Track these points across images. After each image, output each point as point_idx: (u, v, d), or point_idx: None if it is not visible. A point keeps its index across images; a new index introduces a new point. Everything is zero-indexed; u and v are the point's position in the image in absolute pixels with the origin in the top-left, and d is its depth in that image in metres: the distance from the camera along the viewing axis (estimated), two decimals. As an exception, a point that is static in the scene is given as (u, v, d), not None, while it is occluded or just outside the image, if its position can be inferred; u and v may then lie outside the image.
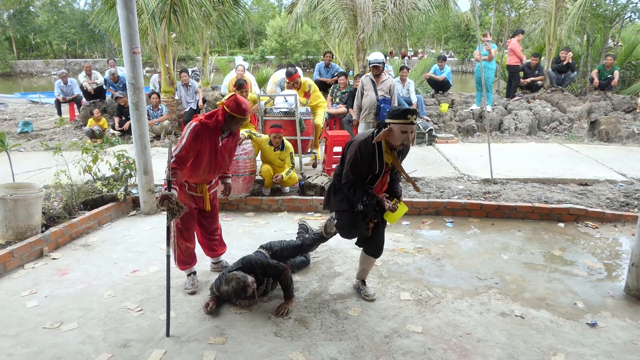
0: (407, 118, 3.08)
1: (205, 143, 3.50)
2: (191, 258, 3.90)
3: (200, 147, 3.49)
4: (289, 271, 3.63)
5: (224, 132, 3.61)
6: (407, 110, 3.10)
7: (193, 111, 9.74)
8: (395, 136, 3.15)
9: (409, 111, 3.09)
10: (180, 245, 3.79)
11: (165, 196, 3.25)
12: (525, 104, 10.73)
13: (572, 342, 3.18)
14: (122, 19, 5.06)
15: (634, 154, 8.21)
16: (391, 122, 3.14)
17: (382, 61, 6.31)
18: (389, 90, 6.27)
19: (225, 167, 3.91)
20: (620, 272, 4.22)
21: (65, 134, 10.12)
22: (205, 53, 13.06)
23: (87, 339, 3.18)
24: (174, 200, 3.26)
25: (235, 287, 3.37)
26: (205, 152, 3.53)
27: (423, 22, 11.50)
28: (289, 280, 3.59)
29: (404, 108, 3.13)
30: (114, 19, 9.24)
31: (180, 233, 3.76)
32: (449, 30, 41.38)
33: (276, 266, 3.62)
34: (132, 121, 5.38)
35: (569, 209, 5.42)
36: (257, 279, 3.58)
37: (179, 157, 3.41)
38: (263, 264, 3.61)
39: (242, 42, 52.02)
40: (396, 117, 3.12)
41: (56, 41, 41.46)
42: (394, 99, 6.33)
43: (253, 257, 3.70)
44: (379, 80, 6.28)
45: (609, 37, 12.94)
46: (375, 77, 6.28)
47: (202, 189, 3.77)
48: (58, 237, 4.68)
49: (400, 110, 3.12)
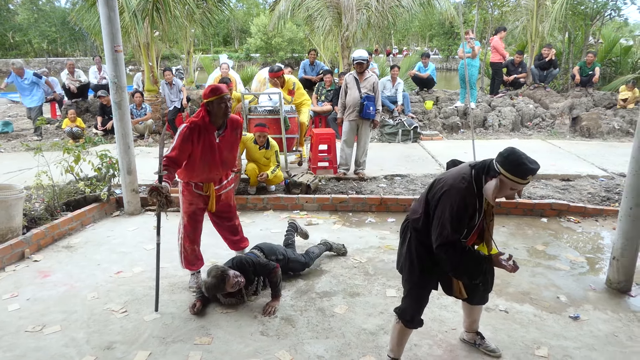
0: (525, 179, 2.37)
1: (198, 143, 3.48)
2: (196, 259, 3.86)
3: (192, 147, 3.47)
4: (279, 270, 3.62)
5: (220, 128, 3.57)
6: (529, 169, 2.35)
7: (177, 110, 9.65)
8: (501, 191, 2.44)
9: (531, 171, 2.36)
10: (186, 247, 3.76)
11: (154, 187, 3.28)
12: (508, 100, 10.84)
13: (555, 335, 3.22)
14: (103, 17, 4.99)
15: (615, 149, 8.35)
16: (505, 175, 2.38)
17: (366, 58, 6.31)
18: (372, 87, 6.27)
19: (231, 163, 3.83)
20: (602, 265, 4.29)
21: (46, 134, 9.96)
22: (189, 51, 12.97)
23: (70, 342, 3.14)
24: (163, 193, 3.28)
25: (214, 277, 3.35)
26: (198, 151, 3.50)
27: (407, 19, 11.54)
28: (279, 278, 3.59)
29: (527, 165, 2.35)
30: (95, 17, 9.11)
31: (188, 234, 3.74)
32: (433, 28, 41.64)
33: (267, 264, 3.62)
34: (114, 120, 5.32)
35: (551, 204, 5.49)
36: (248, 278, 3.57)
37: (168, 157, 3.42)
38: (254, 262, 3.61)
39: (227, 40, 51.70)
40: (513, 172, 2.36)
41: (36, 39, 40.73)
42: (377, 97, 6.34)
43: (244, 256, 3.69)
44: (362, 78, 6.28)
45: (590, 34, 13.14)
46: (359, 74, 6.28)
47: (208, 188, 3.72)
48: (40, 238, 4.61)
49: (521, 166, 2.36)
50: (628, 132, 9.41)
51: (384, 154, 7.97)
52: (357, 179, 6.53)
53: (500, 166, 2.39)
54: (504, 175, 2.38)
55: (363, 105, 6.22)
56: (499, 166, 2.40)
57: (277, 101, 6.64)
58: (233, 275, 3.40)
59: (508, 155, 2.39)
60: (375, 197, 5.74)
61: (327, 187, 6.21)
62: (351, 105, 6.29)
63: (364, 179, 6.51)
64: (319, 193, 5.97)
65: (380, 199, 5.69)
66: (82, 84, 10.89)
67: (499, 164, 2.40)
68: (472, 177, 2.48)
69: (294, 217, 5.39)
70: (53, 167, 5.33)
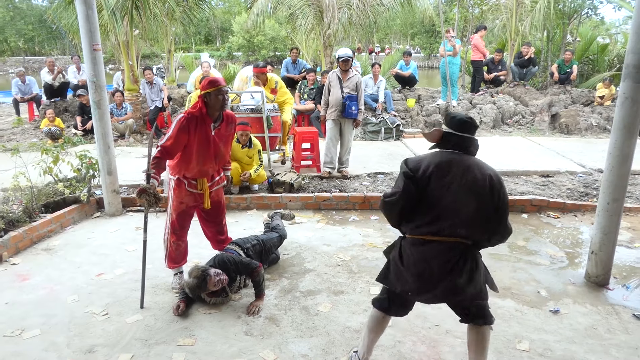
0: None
1: (194, 134, 3.47)
2: (182, 257, 3.85)
3: (189, 138, 3.46)
4: (261, 269, 3.62)
5: (216, 120, 3.57)
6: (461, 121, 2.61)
7: (158, 109, 9.55)
8: None
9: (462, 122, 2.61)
10: (172, 243, 3.74)
11: (142, 189, 3.28)
12: (489, 98, 10.97)
13: (536, 329, 3.28)
14: (81, 15, 4.91)
15: (593, 145, 8.51)
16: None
17: (351, 56, 6.33)
18: (355, 87, 6.28)
19: (223, 158, 3.81)
20: (581, 260, 4.37)
21: (24, 135, 9.75)
22: (170, 50, 12.82)
23: (50, 346, 3.09)
24: (151, 193, 3.29)
25: (195, 277, 3.34)
26: (194, 142, 3.49)
27: (388, 18, 11.58)
28: (261, 277, 3.58)
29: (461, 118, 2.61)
30: (73, 15, 8.93)
31: (174, 231, 3.72)
32: (414, 26, 41.85)
33: (249, 264, 3.61)
34: (94, 120, 5.23)
35: (531, 200, 5.57)
36: (230, 276, 3.56)
37: (164, 146, 3.40)
38: (236, 261, 3.60)
39: (209, 38, 51.26)
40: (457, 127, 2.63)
41: (13, 38, 39.86)
42: (360, 96, 6.35)
43: (225, 254, 3.67)
44: (346, 77, 6.28)
45: (568, 32, 13.37)
46: (343, 72, 6.28)
47: (202, 185, 3.69)
48: (18, 241, 4.52)
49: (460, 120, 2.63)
50: (605, 129, 9.60)
51: (367, 152, 8.00)
52: (340, 177, 6.54)
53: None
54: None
55: (345, 105, 6.23)
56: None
57: (259, 100, 6.61)
58: (214, 274, 3.38)
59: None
60: (358, 195, 5.76)
61: (311, 186, 6.21)
62: (333, 105, 6.29)
63: (347, 177, 6.53)
64: (303, 192, 5.97)
65: (364, 197, 5.71)
66: (63, 81, 10.69)
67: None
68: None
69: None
70: (31, 168, 5.22)
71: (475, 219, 2.45)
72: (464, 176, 2.46)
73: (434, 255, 2.48)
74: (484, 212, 2.46)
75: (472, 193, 2.44)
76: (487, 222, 2.48)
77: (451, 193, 2.44)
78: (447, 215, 2.46)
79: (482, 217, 2.46)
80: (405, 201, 2.50)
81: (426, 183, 2.47)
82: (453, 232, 2.46)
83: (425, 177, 2.47)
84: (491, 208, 2.46)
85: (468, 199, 2.44)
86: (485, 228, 2.49)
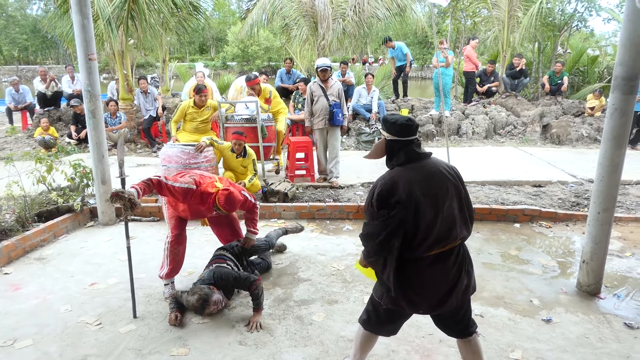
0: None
1: (189, 204, 3.63)
2: (178, 267, 3.86)
3: (184, 202, 3.62)
4: (260, 282, 3.57)
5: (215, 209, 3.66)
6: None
7: (152, 119, 9.56)
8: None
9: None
10: (172, 250, 3.74)
11: (115, 193, 3.29)
12: (481, 108, 11.07)
13: (528, 338, 3.30)
14: (76, 25, 4.93)
15: (583, 155, 8.60)
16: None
17: (330, 65, 6.45)
18: (337, 94, 6.39)
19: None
20: (573, 269, 4.41)
21: (18, 144, 9.73)
22: (165, 59, 12.87)
23: (42, 356, 3.07)
24: (125, 197, 3.28)
25: (194, 302, 3.38)
26: (185, 208, 3.68)
27: (382, 29, 11.70)
28: (260, 291, 3.52)
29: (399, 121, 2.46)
30: (68, 24, 8.97)
31: (175, 236, 3.77)
32: (407, 37, 42.20)
33: (247, 277, 3.56)
34: (88, 129, 5.24)
35: (524, 210, 5.62)
36: (228, 290, 3.61)
37: (154, 182, 3.49)
38: (235, 276, 3.58)
39: (203, 48, 51.44)
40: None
41: (6, 47, 39.78)
42: (343, 103, 6.45)
43: (224, 270, 3.62)
44: (328, 85, 6.37)
45: (559, 44, 13.55)
46: (324, 82, 6.36)
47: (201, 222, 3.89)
48: (10, 250, 4.49)
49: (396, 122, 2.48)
50: (596, 139, 9.71)
51: (361, 162, 8.04)
52: (333, 186, 6.57)
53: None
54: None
55: (333, 113, 6.30)
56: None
57: (254, 109, 6.65)
58: (213, 302, 3.42)
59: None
60: (352, 204, 5.78)
61: (305, 195, 6.23)
62: (320, 114, 6.36)
63: (338, 187, 6.54)
64: (297, 201, 5.98)
65: (358, 206, 5.73)
66: (56, 90, 10.69)
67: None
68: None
69: (270, 225, 5.38)
70: (24, 177, 5.21)
71: (464, 215, 2.47)
72: (441, 180, 2.40)
73: (446, 267, 2.41)
74: (466, 203, 2.49)
75: (455, 193, 2.43)
76: (469, 211, 2.50)
77: (440, 202, 2.37)
78: (446, 225, 2.38)
79: (468, 210, 2.49)
80: (400, 229, 2.32)
81: (416, 203, 2.32)
82: (455, 237, 2.42)
83: (412, 199, 2.32)
84: (465, 197, 2.49)
85: (453, 200, 2.41)
86: (469, 217, 2.51)
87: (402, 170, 2.40)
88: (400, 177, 2.37)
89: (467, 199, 2.51)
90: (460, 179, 2.50)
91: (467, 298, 2.55)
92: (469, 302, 2.60)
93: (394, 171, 2.43)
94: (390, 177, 2.39)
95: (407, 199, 2.30)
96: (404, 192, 2.31)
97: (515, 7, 11.81)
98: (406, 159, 2.42)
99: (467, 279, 2.49)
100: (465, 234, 2.46)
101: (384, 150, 2.49)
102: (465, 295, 2.49)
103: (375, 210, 2.36)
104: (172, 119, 6.70)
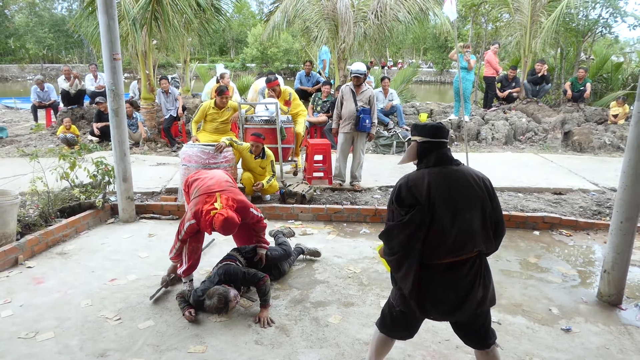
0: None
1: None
2: (197, 262, 3.85)
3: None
4: (267, 279, 3.63)
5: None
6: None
7: (173, 118, 9.67)
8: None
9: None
10: (191, 247, 3.73)
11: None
12: (501, 114, 10.96)
13: (547, 347, 3.25)
14: (102, 25, 5.03)
15: (606, 164, 8.45)
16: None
17: (364, 72, 6.36)
18: (368, 100, 6.32)
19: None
20: (593, 278, 4.34)
21: (42, 140, 9.93)
22: (186, 60, 13.03)
23: (63, 349, 3.13)
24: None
25: (216, 303, 3.37)
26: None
27: (402, 32, 11.66)
28: (267, 287, 3.59)
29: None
30: (93, 24, 9.13)
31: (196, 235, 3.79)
32: (427, 41, 42.04)
33: (255, 274, 3.63)
34: (111, 128, 5.33)
35: (543, 218, 5.55)
36: (237, 287, 3.62)
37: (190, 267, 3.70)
38: (243, 272, 3.62)
39: (223, 49, 51.91)
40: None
41: (32, 45, 40.65)
42: (373, 110, 6.39)
43: (232, 268, 3.67)
44: (359, 91, 6.32)
45: (582, 50, 13.35)
46: (356, 87, 6.33)
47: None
48: (34, 245, 4.60)
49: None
50: (619, 147, 9.53)
51: (379, 165, 8.03)
52: (351, 189, 6.56)
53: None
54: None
55: (359, 118, 6.26)
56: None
57: (273, 111, 6.69)
58: (234, 297, 3.46)
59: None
60: (369, 207, 5.77)
61: (322, 198, 6.24)
62: (347, 118, 6.33)
63: (359, 190, 6.55)
64: (314, 203, 6.00)
65: (375, 209, 5.72)
66: (80, 89, 10.90)
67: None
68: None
69: (289, 226, 5.40)
70: (48, 173, 5.33)
71: (487, 230, 2.40)
72: (465, 189, 2.37)
73: (458, 276, 2.39)
74: (492, 218, 2.41)
75: (479, 206, 2.37)
76: (496, 227, 2.44)
77: (458, 212, 2.33)
78: (462, 237, 2.34)
79: (494, 226, 2.43)
80: (420, 232, 2.31)
81: (433, 207, 2.31)
82: (471, 250, 2.37)
83: (429, 203, 2.30)
84: (494, 210, 2.41)
85: (475, 212, 2.36)
86: (495, 234, 2.44)
87: (426, 172, 2.40)
88: (422, 178, 2.37)
89: (495, 214, 2.42)
90: (490, 192, 2.42)
91: (484, 310, 2.50)
92: (488, 314, 2.55)
93: (419, 172, 2.44)
94: (413, 177, 2.41)
95: (424, 201, 2.30)
96: (423, 193, 2.31)
97: (538, 12, 11.66)
98: (436, 161, 2.42)
99: (483, 291, 2.43)
100: (484, 249, 2.40)
101: (416, 154, 2.50)
102: (480, 307, 2.45)
103: (396, 207, 2.38)
104: (193, 119, 6.78)
